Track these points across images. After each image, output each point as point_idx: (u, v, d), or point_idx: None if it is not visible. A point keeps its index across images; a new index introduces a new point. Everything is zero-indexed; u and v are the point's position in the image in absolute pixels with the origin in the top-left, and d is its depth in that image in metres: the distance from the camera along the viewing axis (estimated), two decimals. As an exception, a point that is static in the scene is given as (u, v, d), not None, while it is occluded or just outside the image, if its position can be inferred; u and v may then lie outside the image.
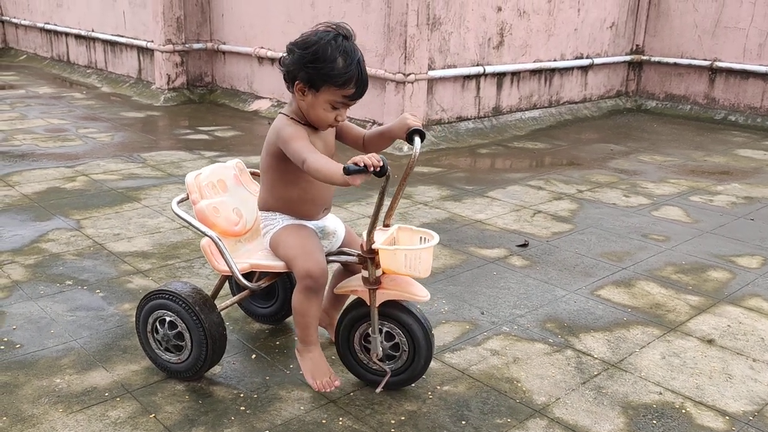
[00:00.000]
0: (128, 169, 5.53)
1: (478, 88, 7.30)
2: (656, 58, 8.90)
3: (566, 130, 7.73)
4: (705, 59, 8.45)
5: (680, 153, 6.74)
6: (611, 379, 2.74)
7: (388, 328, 2.53)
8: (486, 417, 2.48)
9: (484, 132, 7.24)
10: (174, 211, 2.63)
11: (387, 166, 2.12)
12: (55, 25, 11.06)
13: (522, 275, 3.72)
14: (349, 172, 2.08)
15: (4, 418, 2.38)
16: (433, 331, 2.97)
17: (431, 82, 6.77)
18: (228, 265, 2.49)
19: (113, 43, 9.78)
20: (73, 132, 6.82)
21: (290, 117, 2.44)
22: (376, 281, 2.44)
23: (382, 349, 2.52)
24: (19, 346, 2.85)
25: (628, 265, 3.91)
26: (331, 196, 2.67)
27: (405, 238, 2.51)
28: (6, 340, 2.90)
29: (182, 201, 2.72)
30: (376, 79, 6.58)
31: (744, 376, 2.80)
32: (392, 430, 2.38)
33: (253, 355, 2.85)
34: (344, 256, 2.58)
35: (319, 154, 2.28)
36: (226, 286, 3.16)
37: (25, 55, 12.10)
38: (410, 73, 6.45)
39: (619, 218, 4.72)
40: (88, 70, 10.39)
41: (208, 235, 2.51)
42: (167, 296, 2.54)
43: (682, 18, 8.59)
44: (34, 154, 5.92)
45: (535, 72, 7.87)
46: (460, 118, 7.22)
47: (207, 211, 2.61)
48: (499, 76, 7.48)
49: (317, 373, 2.56)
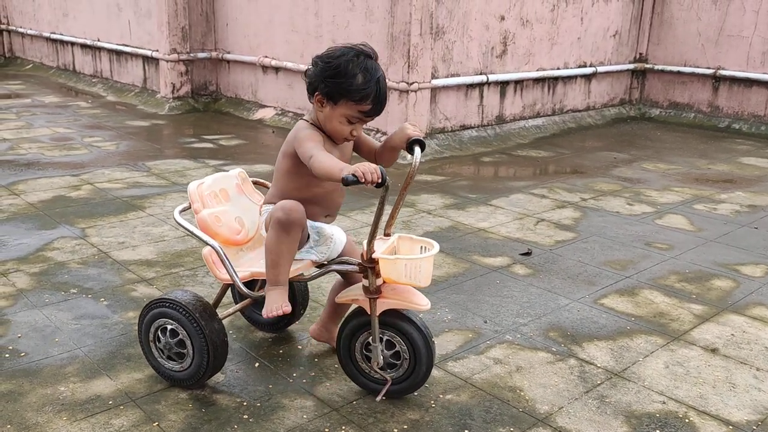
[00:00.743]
0: (133, 178, 5.55)
1: (482, 97, 7.31)
2: (660, 67, 8.90)
3: (569, 139, 7.73)
4: (708, 67, 8.46)
5: (684, 161, 6.74)
6: (614, 388, 2.74)
7: (388, 337, 2.54)
8: (489, 426, 2.48)
9: (487, 140, 7.25)
10: (176, 221, 2.65)
11: (386, 179, 2.17)
12: (61, 34, 11.14)
13: (525, 284, 3.72)
14: (347, 183, 2.15)
15: (9, 427, 2.39)
16: (436, 339, 2.98)
17: (434, 90, 6.78)
18: (229, 274, 2.50)
19: (118, 53, 9.84)
20: (79, 141, 6.85)
21: (310, 122, 2.51)
22: (377, 290, 2.45)
23: (383, 357, 2.53)
24: (23, 355, 2.86)
25: (632, 273, 3.91)
26: (338, 206, 2.68)
27: (405, 248, 2.52)
28: (11, 348, 2.91)
29: (185, 210, 2.73)
30: (380, 88, 6.59)
31: (748, 386, 2.79)
32: (394, 439, 2.39)
33: (256, 364, 2.85)
34: (345, 265, 2.59)
35: (328, 154, 2.33)
36: (229, 294, 3.16)
37: (32, 65, 12.17)
38: (413, 82, 6.47)
39: (623, 226, 4.72)
40: (93, 79, 10.44)
41: (209, 245, 2.52)
42: (168, 304, 2.56)
43: (686, 26, 8.60)
44: (40, 162, 5.95)
45: (538, 80, 7.88)
46: (464, 127, 7.23)
47: (209, 220, 2.63)
48: (503, 85, 7.49)
49: (273, 306, 2.47)
